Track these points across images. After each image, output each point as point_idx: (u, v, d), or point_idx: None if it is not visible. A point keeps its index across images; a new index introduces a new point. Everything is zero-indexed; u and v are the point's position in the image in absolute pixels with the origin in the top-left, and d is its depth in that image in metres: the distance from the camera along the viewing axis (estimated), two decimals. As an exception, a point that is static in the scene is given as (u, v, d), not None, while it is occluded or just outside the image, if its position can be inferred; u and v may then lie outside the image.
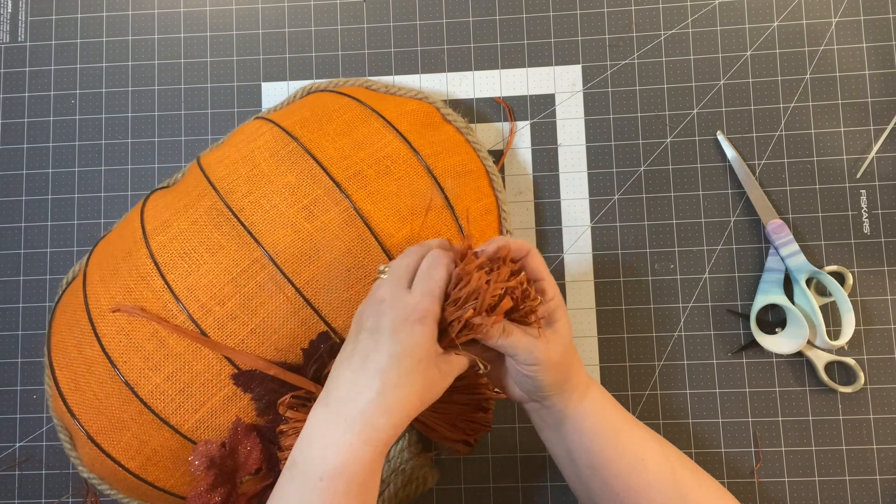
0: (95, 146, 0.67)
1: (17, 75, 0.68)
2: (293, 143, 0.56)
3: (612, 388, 0.62)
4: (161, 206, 0.57)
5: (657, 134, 0.64)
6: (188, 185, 0.57)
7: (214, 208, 0.54)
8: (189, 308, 0.52)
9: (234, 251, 0.53)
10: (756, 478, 0.61)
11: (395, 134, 0.57)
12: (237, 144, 0.58)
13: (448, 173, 0.58)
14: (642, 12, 0.66)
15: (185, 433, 0.52)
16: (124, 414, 0.52)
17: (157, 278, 0.53)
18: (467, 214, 0.58)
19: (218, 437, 0.53)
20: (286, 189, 0.54)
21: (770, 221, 0.61)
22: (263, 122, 0.59)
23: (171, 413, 0.52)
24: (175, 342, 0.52)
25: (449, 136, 0.60)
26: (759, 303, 0.61)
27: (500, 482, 0.62)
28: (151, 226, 0.55)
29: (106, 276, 0.55)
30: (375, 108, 0.59)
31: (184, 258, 0.53)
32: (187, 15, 0.68)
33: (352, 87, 0.63)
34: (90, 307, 0.54)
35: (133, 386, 0.52)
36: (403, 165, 0.56)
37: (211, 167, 0.57)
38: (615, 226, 0.64)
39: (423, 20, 0.67)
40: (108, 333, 0.53)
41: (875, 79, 0.64)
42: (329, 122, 0.57)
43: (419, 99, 0.62)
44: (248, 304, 0.52)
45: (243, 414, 0.53)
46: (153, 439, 0.52)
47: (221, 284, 0.52)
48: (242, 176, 0.55)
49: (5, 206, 0.66)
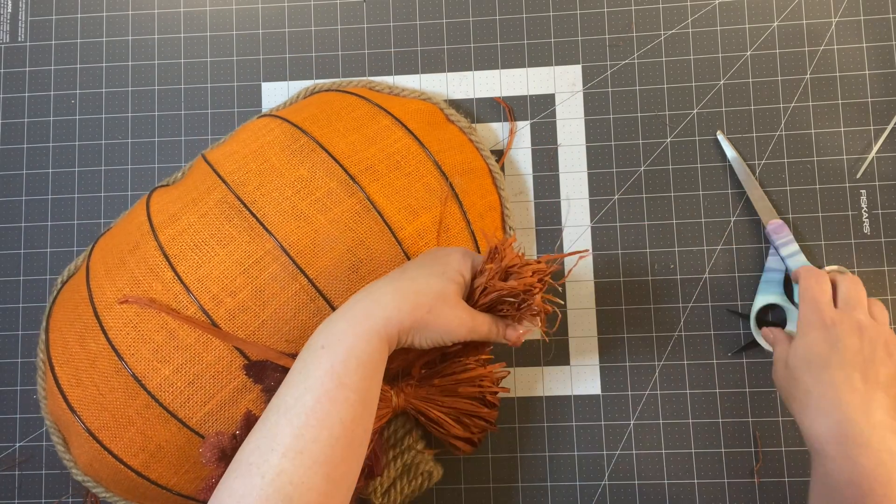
0: (95, 146, 0.67)
1: (17, 75, 0.68)
2: (304, 138, 0.56)
3: (612, 388, 0.62)
4: (167, 200, 0.57)
5: (657, 134, 0.64)
6: (195, 180, 0.57)
7: (225, 201, 0.54)
8: (200, 299, 0.52)
9: (246, 243, 0.53)
10: (756, 478, 0.61)
11: (404, 130, 0.58)
12: (244, 141, 0.58)
13: (455, 170, 0.58)
14: (642, 12, 0.66)
15: (193, 427, 0.52)
16: (129, 409, 0.52)
17: (166, 270, 0.53)
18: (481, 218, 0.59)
19: (226, 430, 0.53)
20: (299, 182, 0.54)
21: (770, 221, 0.61)
22: (271, 119, 0.59)
23: (179, 406, 0.52)
24: (185, 334, 0.52)
25: (453, 134, 0.61)
26: (759, 303, 0.61)
27: (500, 482, 0.62)
28: (159, 219, 0.55)
29: (111, 268, 0.55)
30: (383, 106, 0.59)
31: (194, 250, 0.53)
32: (187, 15, 0.68)
33: (356, 87, 0.63)
34: (95, 300, 0.54)
35: (140, 378, 0.52)
36: (414, 161, 0.57)
37: (219, 163, 0.57)
38: (615, 226, 0.64)
39: (423, 20, 0.67)
40: (115, 326, 0.52)
41: (875, 79, 0.64)
42: (338, 119, 0.58)
43: (423, 99, 0.63)
44: (259, 295, 0.52)
45: (253, 406, 0.53)
46: (159, 434, 0.52)
47: (233, 276, 0.52)
48: (253, 170, 0.55)
49: (5, 206, 0.66)
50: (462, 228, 0.57)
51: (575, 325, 0.63)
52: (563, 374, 0.63)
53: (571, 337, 0.63)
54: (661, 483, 0.61)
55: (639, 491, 0.61)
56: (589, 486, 0.61)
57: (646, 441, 0.61)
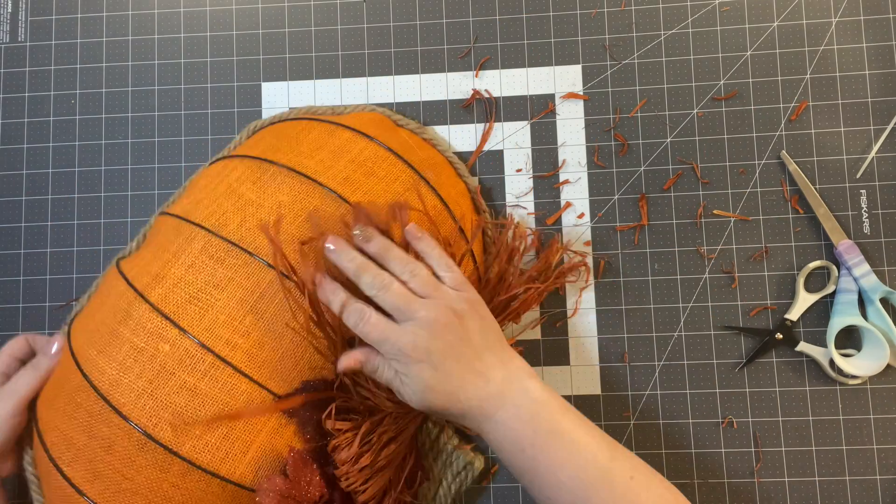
0: (95, 146, 0.67)
1: (17, 75, 0.68)
2: (273, 167, 0.55)
3: (612, 388, 0.62)
4: (142, 264, 0.54)
5: (657, 134, 0.64)
6: (166, 237, 0.55)
7: (209, 246, 0.52)
8: (214, 348, 0.50)
9: (245, 280, 0.51)
10: (756, 478, 0.61)
11: (366, 139, 0.58)
12: (207, 187, 0.56)
13: (423, 165, 0.58)
14: (642, 12, 0.66)
15: (237, 481, 0.49)
16: (164, 484, 0.49)
17: (170, 328, 0.50)
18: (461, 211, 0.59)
19: (273, 473, 0.50)
20: (282, 208, 0.53)
21: (840, 242, 0.61)
22: (227, 161, 0.58)
23: (218, 463, 0.49)
24: (207, 386, 0.49)
25: (408, 136, 0.62)
26: (837, 325, 0.60)
27: (500, 482, 0.62)
28: (142, 283, 0.52)
29: (104, 346, 0.51)
30: (337, 122, 0.59)
31: (192, 302, 0.51)
32: (187, 15, 0.68)
33: (300, 113, 0.63)
34: (96, 383, 0.50)
35: (170, 446, 0.48)
36: (384, 165, 0.57)
37: (189, 213, 0.55)
38: (615, 226, 0.64)
39: (423, 20, 0.67)
40: (128, 401, 0.49)
41: (875, 79, 0.64)
42: (298, 143, 0.57)
43: (368, 111, 0.64)
44: (272, 328, 0.51)
45: (294, 441, 0.51)
46: (204, 500, 0.49)
47: (240, 316, 0.51)
48: (230, 210, 0.53)
49: (5, 206, 0.66)
50: (445, 219, 0.57)
51: (575, 325, 0.63)
52: (563, 374, 0.63)
53: (571, 337, 0.63)
54: (661, 483, 0.61)
55: (639, 491, 0.61)
56: (589, 486, 0.61)
57: (646, 441, 0.61)
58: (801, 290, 0.61)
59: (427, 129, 0.65)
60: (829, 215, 0.62)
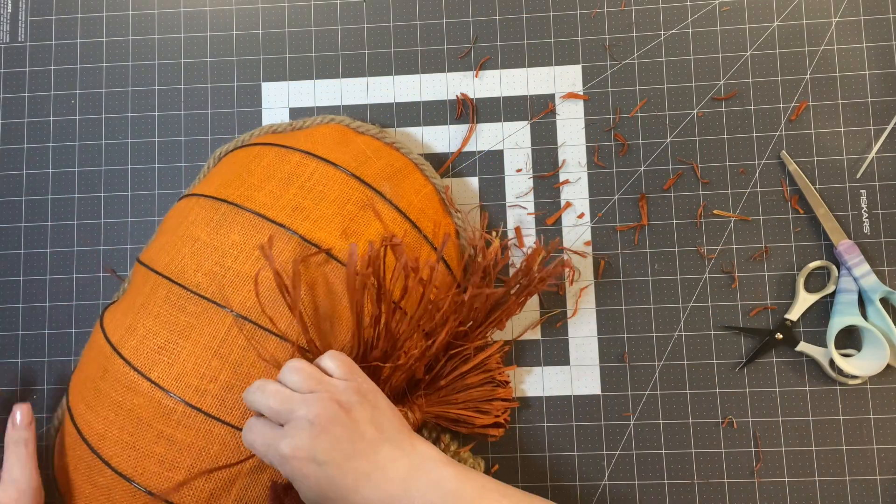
0: (95, 146, 0.67)
1: (17, 75, 0.68)
2: (224, 205, 0.56)
3: (613, 388, 0.62)
4: (118, 316, 0.57)
5: (657, 134, 0.64)
6: (137, 286, 0.57)
7: (171, 294, 0.54)
8: (184, 396, 0.51)
9: (206, 326, 0.53)
10: (756, 478, 0.61)
11: (316, 160, 0.57)
12: (171, 230, 0.58)
13: (380, 177, 0.58)
14: (642, 12, 0.66)
15: None
16: None
17: (141, 381, 0.52)
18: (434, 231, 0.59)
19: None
20: (234, 248, 0.54)
21: (840, 242, 0.61)
22: (188, 200, 0.59)
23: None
24: (183, 434, 0.51)
25: (367, 144, 0.61)
26: (837, 325, 0.60)
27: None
28: (117, 336, 0.55)
29: (90, 402, 0.54)
30: (288, 145, 0.59)
31: (160, 352, 0.53)
32: (187, 15, 0.68)
33: (259, 137, 0.63)
34: (86, 436, 0.54)
35: (157, 493, 0.51)
36: (336, 185, 0.56)
37: (154, 260, 0.56)
38: (615, 226, 0.64)
39: (423, 20, 0.67)
40: (115, 454, 0.52)
41: (875, 79, 0.64)
42: (250, 174, 0.58)
43: (326, 123, 0.63)
44: (239, 369, 0.52)
45: (275, 475, 0.53)
46: None
47: (206, 361, 0.52)
48: (187, 255, 0.55)
49: (5, 206, 0.66)
50: (408, 231, 0.57)
51: (575, 325, 0.63)
52: (563, 374, 0.63)
53: (571, 337, 0.63)
54: (661, 483, 0.61)
55: (639, 491, 0.61)
56: (589, 486, 0.61)
57: (646, 441, 0.62)
58: (801, 290, 0.61)
59: (388, 132, 0.64)
60: (829, 215, 0.62)
